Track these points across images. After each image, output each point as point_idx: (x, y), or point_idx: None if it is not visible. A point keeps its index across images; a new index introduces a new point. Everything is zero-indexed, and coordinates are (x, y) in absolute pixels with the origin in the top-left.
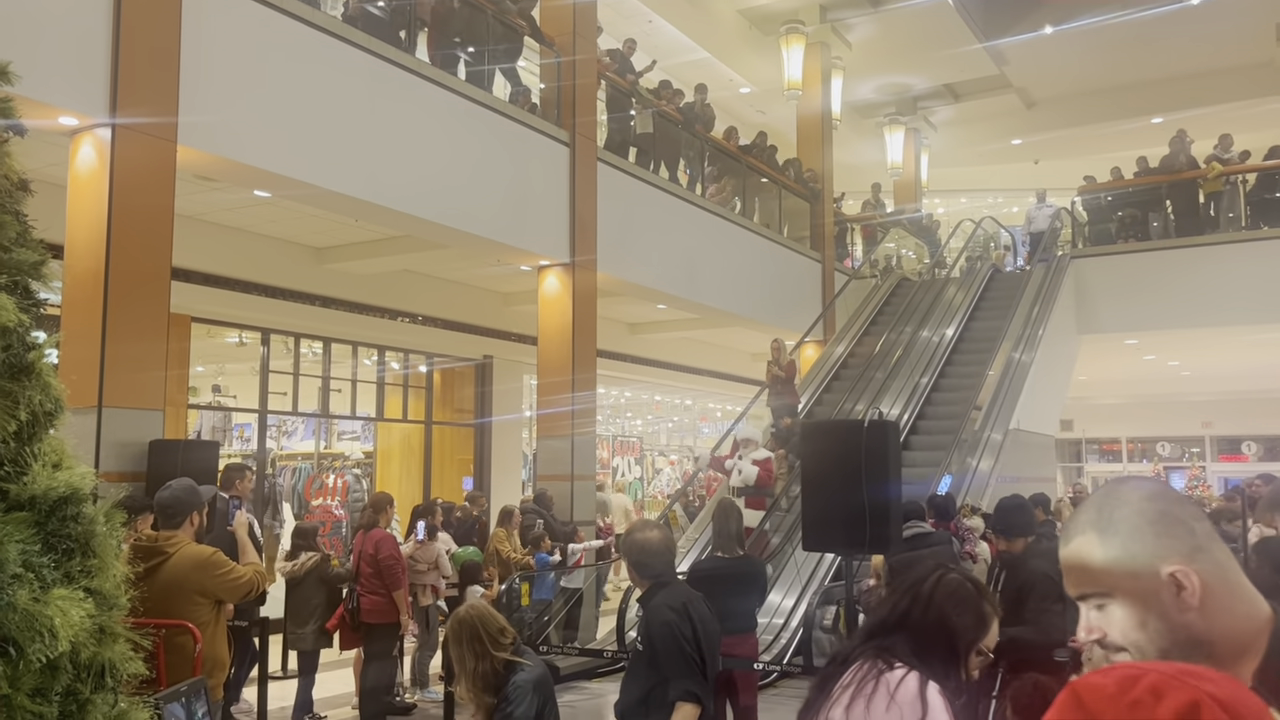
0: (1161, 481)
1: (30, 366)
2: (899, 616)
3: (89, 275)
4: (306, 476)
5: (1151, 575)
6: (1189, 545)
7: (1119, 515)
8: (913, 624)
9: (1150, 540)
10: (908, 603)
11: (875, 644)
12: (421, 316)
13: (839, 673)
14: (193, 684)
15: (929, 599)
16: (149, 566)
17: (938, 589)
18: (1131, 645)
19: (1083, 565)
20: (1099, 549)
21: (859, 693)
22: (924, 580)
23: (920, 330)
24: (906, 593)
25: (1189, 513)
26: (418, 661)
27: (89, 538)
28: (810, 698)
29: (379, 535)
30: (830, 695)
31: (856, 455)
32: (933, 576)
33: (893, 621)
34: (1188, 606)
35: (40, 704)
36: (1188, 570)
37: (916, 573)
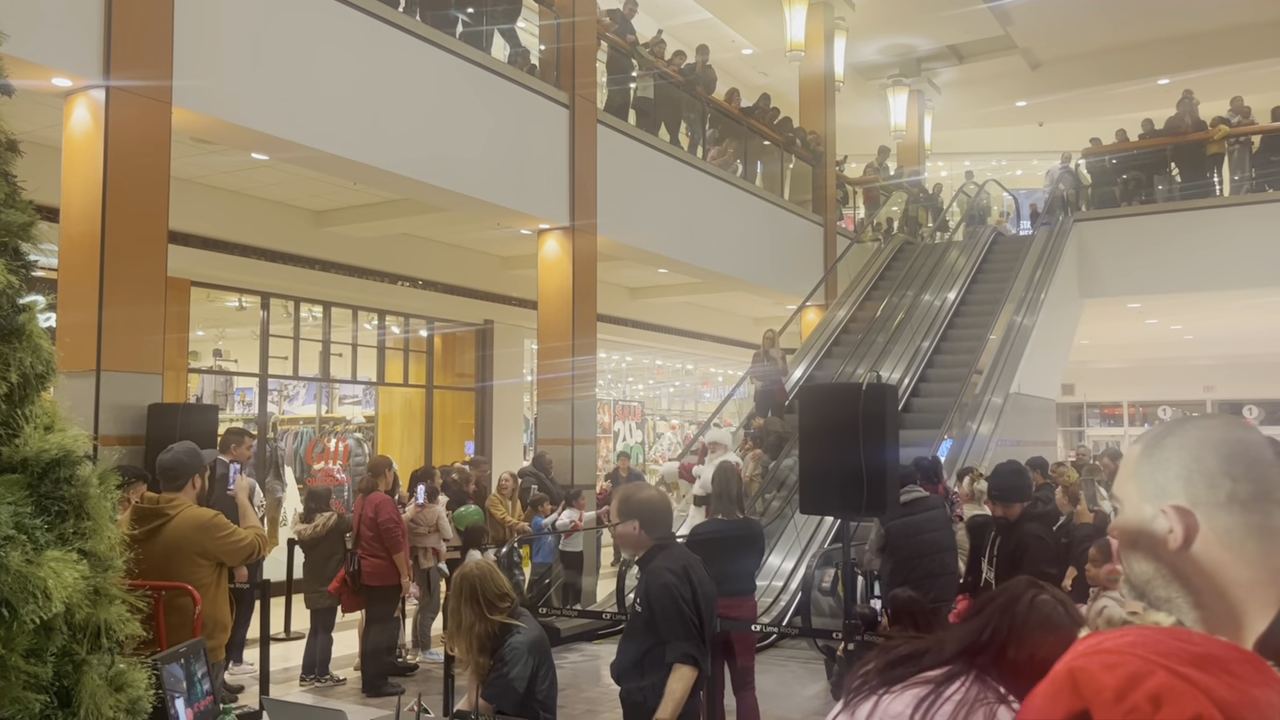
0: (1230, 431)
1: (20, 328)
2: (996, 642)
3: (85, 238)
4: (308, 441)
5: (1155, 506)
6: (1203, 494)
7: (1167, 443)
8: (1008, 653)
9: (1172, 474)
10: (1005, 629)
11: (973, 664)
12: (422, 280)
13: (912, 672)
14: (192, 645)
15: (1024, 626)
16: (150, 529)
17: (1032, 613)
18: (1126, 565)
19: (1121, 475)
20: (1135, 464)
21: (979, 713)
22: (1018, 601)
23: (922, 294)
24: (1002, 613)
25: (1227, 470)
26: (419, 623)
27: (82, 500)
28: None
29: (378, 498)
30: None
31: (854, 418)
32: (1026, 598)
33: (986, 643)
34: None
35: (35, 664)
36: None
37: (1010, 591)
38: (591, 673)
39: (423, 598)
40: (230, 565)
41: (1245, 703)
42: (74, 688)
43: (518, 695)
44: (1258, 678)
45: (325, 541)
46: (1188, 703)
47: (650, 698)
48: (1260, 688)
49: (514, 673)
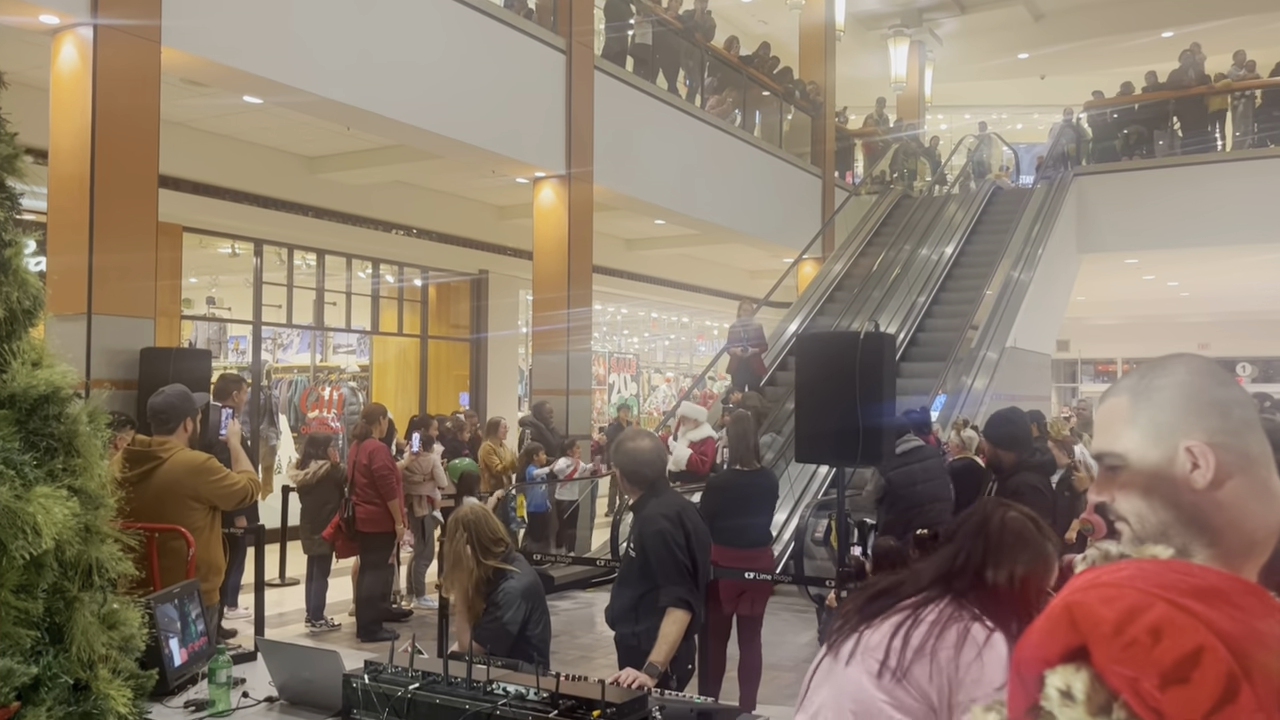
0: (1213, 362)
1: (7, 263)
2: (972, 565)
3: (74, 180)
4: (303, 389)
5: (1169, 447)
6: (1219, 426)
7: (1158, 384)
8: (986, 575)
9: (1179, 413)
10: (980, 551)
11: (949, 588)
12: (416, 229)
13: (891, 604)
14: (185, 586)
15: (998, 546)
16: (142, 471)
17: (1005, 532)
18: (1133, 515)
19: (1108, 424)
20: (1127, 411)
21: (939, 637)
22: (989, 521)
23: (919, 248)
24: (975, 535)
25: (1232, 396)
26: (414, 570)
27: (72, 437)
28: (850, 621)
29: (372, 445)
30: (882, 623)
31: (851, 367)
32: (997, 518)
33: (962, 566)
34: (1196, 486)
35: (25, 600)
36: (1206, 449)
37: (979, 513)
38: (585, 620)
39: (417, 545)
40: (223, 509)
41: (1248, 635)
42: (65, 624)
43: (511, 638)
44: (1261, 609)
45: (319, 488)
46: (1189, 635)
47: (644, 642)
48: (1263, 619)
49: (507, 616)
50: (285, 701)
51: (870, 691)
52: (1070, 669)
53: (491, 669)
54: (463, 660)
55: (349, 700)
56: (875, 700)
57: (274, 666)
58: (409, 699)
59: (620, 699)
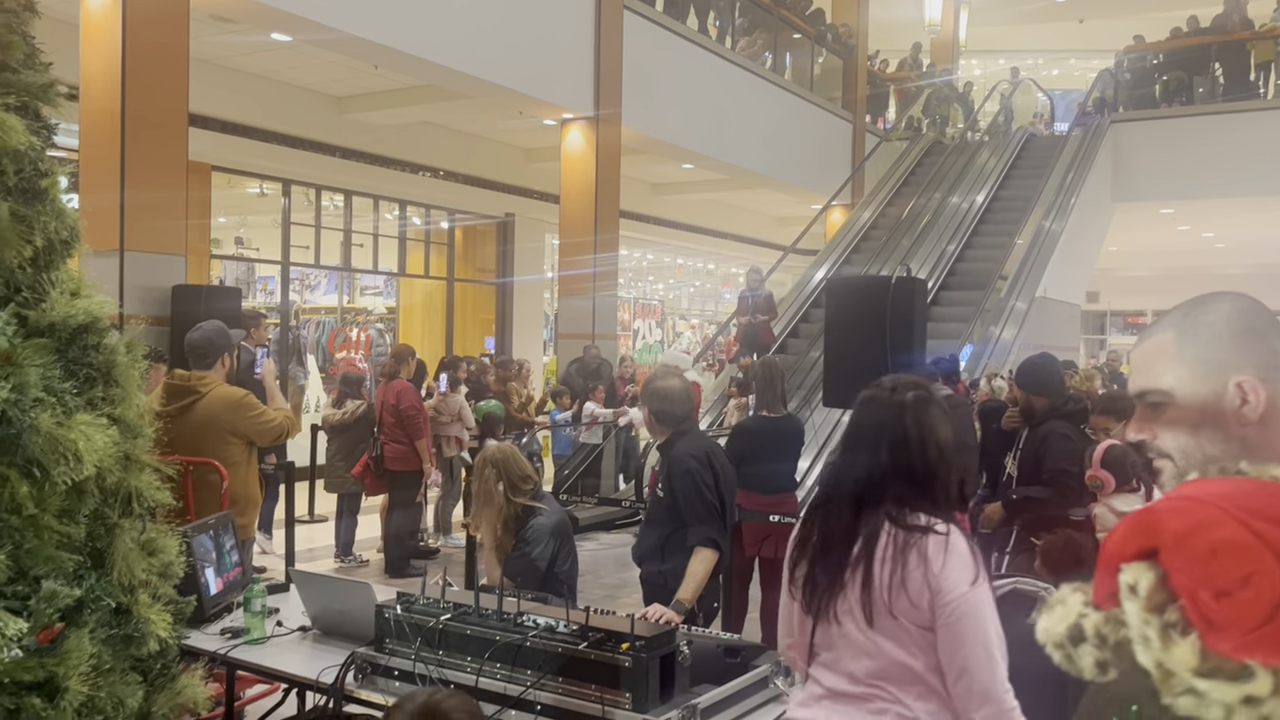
0: (1256, 300)
1: (44, 192)
2: (900, 464)
3: (105, 116)
4: (330, 330)
5: (1218, 382)
6: (1268, 362)
7: (1204, 320)
8: (914, 470)
9: (1227, 348)
10: (905, 448)
11: (885, 496)
12: (443, 171)
13: (848, 536)
14: (220, 518)
15: (920, 436)
16: (182, 405)
17: (925, 420)
18: (1178, 451)
19: (1152, 361)
20: (1173, 347)
21: (911, 555)
22: (903, 411)
23: (950, 196)
24: (890, 430)
25: (1277, 331)
26: (440, 509)
27: (110, 367)
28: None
29: (400, 385)
30: (854, 576)
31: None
32: (911, 403)
33: (890, 469)
34: (1247, 421)
35: (68, 524)
36: (1256, 383)
37: (882, 408)
38: (609, 560)
39: (445, 484)
40: (260, 445)
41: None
42: (107, 550)
43: (539, 574)
44: None
45: (356, 427)
46: (1245, 559)
47: (671, 580)
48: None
49: (536, 552)
50: (318, 631)
51: (877, 641)
52: (1142, 567)
53: (521, 602)
54: (493, 593)
55: (381, 630)
56: (884, 648)
57: (307, 597)
58: (440, 629)
59: (649, 633)
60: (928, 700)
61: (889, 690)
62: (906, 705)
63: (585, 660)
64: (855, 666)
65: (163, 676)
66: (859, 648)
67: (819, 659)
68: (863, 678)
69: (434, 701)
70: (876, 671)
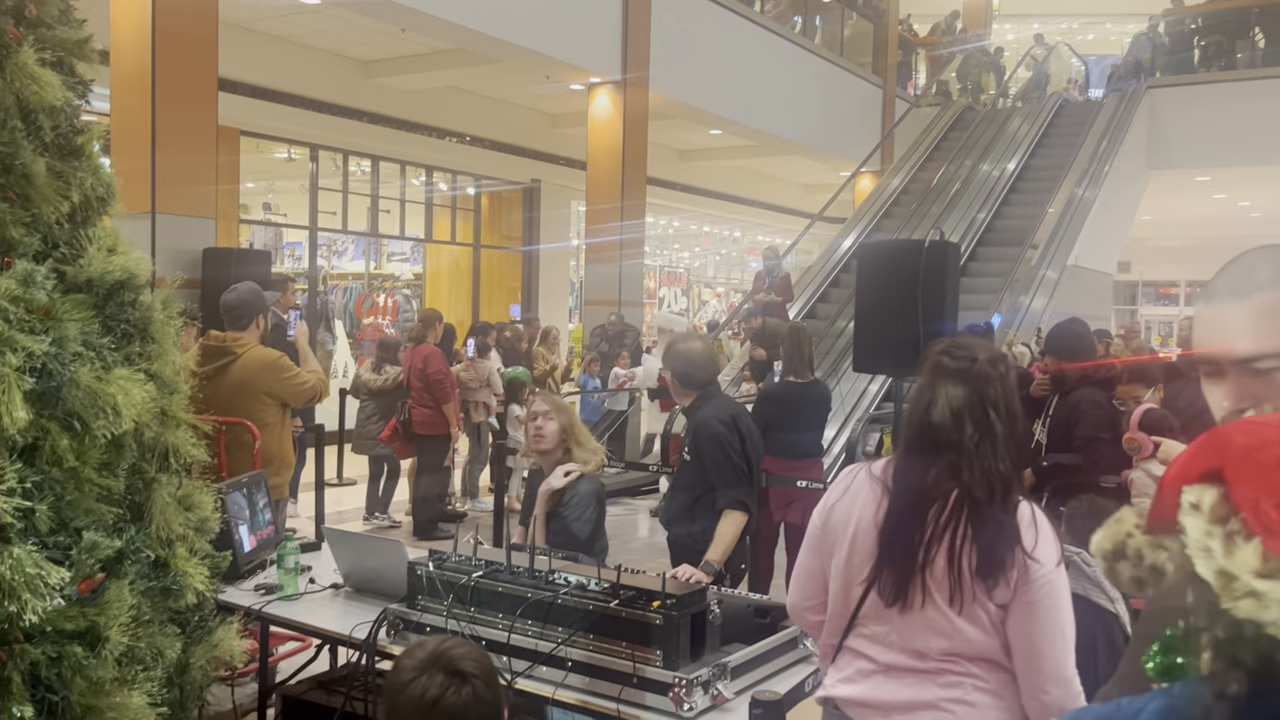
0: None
1: (80, 149)
2: (988, 436)
3: (136, 80)
4: (357, 296)
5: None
6: None
7: (1267, 268)
8: (1001, 444)
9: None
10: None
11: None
12: (469, 137)
13: (921, 530)
14: (253, 477)
15: (1008, 408)
16: (218, 366)
17: (1010, 390)
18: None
19: (1270, 321)
20: (1260, 307)
21: (1003, 533)
22: (990, 382)
23: (980, 164)
24: (980, 401)
25: None
26: (468, 474)
27: (146, 324)
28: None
29: (427, 350)
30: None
31: (914, 276)
32: (999, 373)
33: (979, 442)
34: None
35: (107, 477)
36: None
37: (970, 377)
38: (633, 526)
39: (472, 449)
40: (294, 406)
41: None
42: (145, 503)
43: (580, 541)
44: None
45: (393, 393)
46: None
47: (699, 542)
48: None
49: (586, 515)
50: (350, 589)
51: (956, 623)
52: (1204, 487)
53: (553, 560)
54: (524, 551)
55: (413, 587)
56: (961, 628)
57: (339, 555)
58: (472, 587)
59: (680, 591)
60: (997, 673)
61: (962, 665)
62: (981, 678)
63: (617, 618)
64: (925, 644)
65: (200, 629)
66: (933, 627)
67: (863, 633)
68: (932, 654)
69: (443, 649)
70: (950, 649)
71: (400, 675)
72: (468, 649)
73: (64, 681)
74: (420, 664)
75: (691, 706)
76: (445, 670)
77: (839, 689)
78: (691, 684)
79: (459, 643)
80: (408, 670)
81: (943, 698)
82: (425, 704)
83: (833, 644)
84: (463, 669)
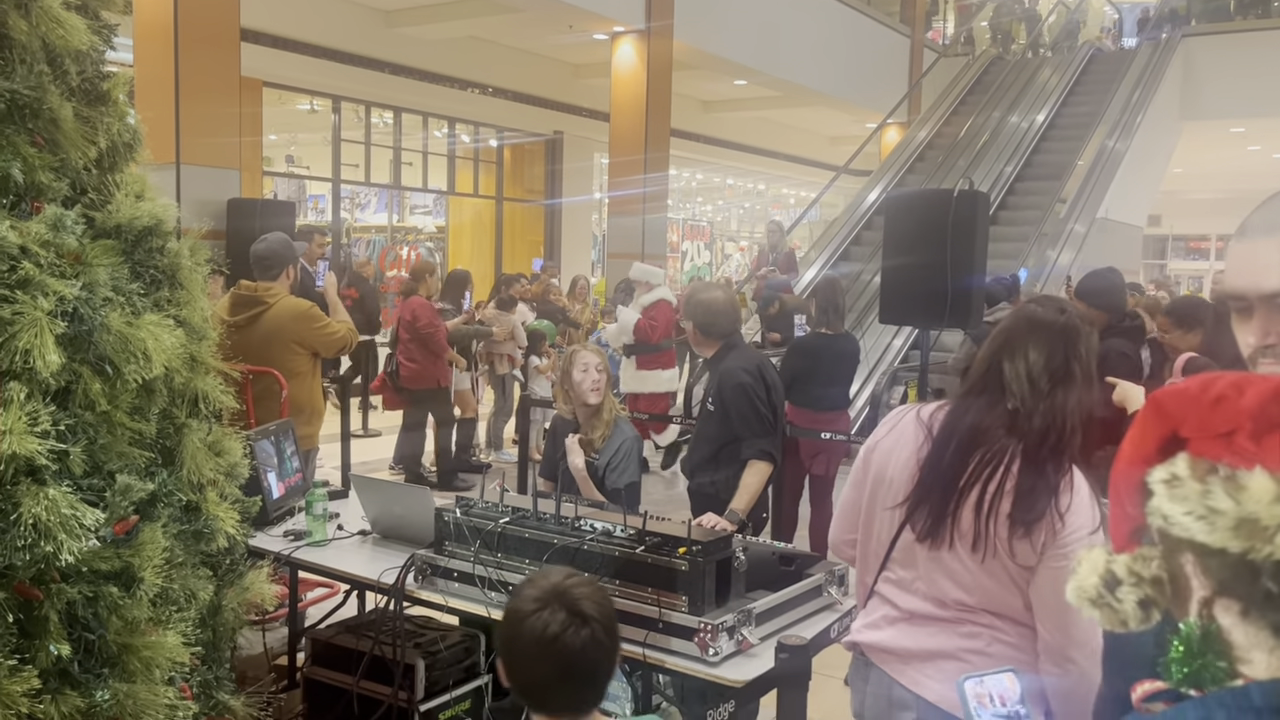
0: None
1: (106, 94)
2: (1046, 393)
3: (159, 30)
4: (380, 249)
5: None
6: None
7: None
8: (1061, 401)
9: None
10: (1053, 375)
11: (1029, 425)
12: (491, 88)
13: (960, 471)
14: (280, 425)
15: (1084, 368)
16: (250, 315)
17: (1079, 347)
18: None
19: (1256, 253)
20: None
21: (1027, 498)
22: (1068, 337)
23: (1009, 115)
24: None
25: None
26: (493, 426)
27: (175, 270)
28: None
29: (416, 303)
30: (966, 498)
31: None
32: (1072, 326)
33: (1038, 398)
34: None
35: (139, 421)
36: None
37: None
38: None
39: (497, 401)
40: (325, 356)
41: None
42: (176, 448)
43: (619, 494)
44: None
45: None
46: (1271, 381)
47: (723, 491)
48: None
49: (630, 467)
50: (377, 535)
51: (977, 574)
52: (1169, 461)
53: (579, 507)
54: (550, 499)
55: (441, 533)
56: (982, 581)
57: (367, 502)
58: (499, 533)
59: (706, 538)
60: (1017, 628)
61: (984, 617)
62: (1002, 630)
63: (642, 564)
64: (946, 592)
65: (231, 573)
66: (955, 576)
67: (890, 577)
68: (953, 603)
69: (567, 585)
70: (970, 600)
71: (520, 604)
72: (590, 589)
73: (100, 621)
74: (543, 596)
75: (717, 651)
76: (567, 608)
77: (864, 634)
78: (717, 629)
79: (583, 581)
80: (528, 600)
81: (962, 648)
82: (545, 639)
83: (867, 584)
84: (584, 610)
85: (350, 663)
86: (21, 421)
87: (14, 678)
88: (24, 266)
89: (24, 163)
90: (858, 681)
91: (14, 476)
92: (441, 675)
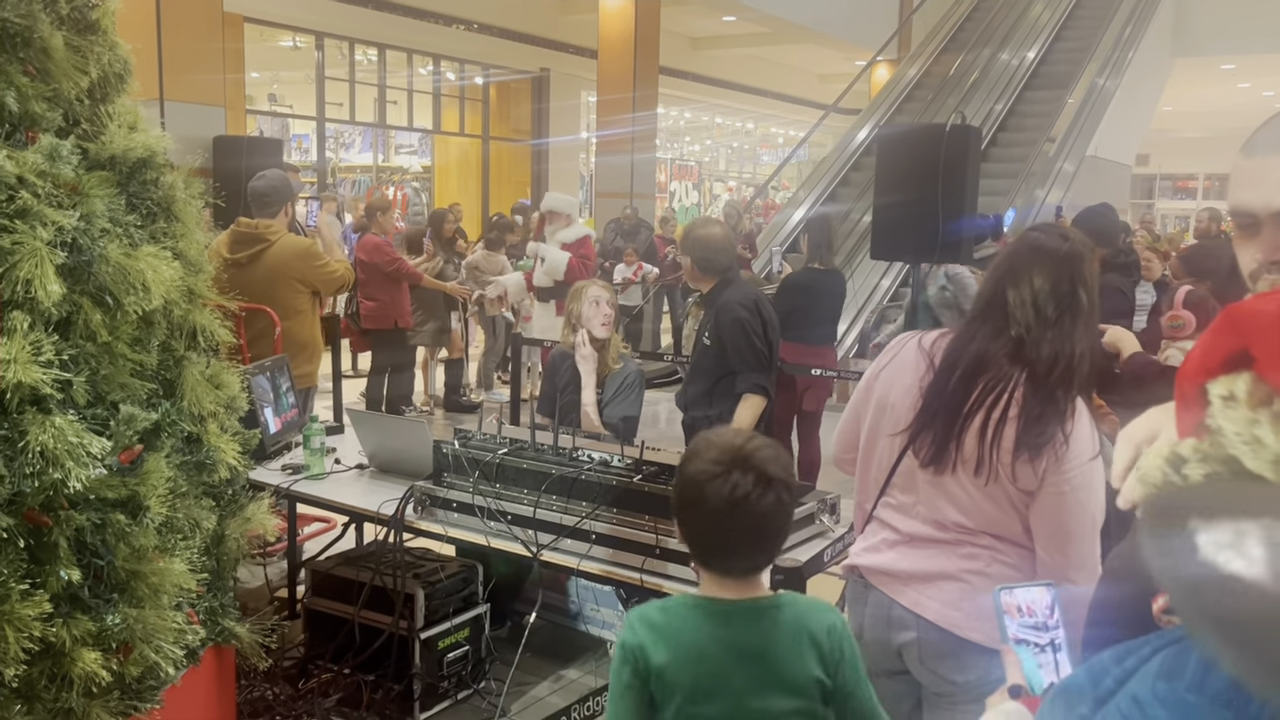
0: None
1: (96, 23)
2: (1054, 320)
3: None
4: (366, 189)
5: None
6: None
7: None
8: (1069, 329)
9: None
10: (1059, 302)
11: (1039, 353)
12: (476, 24)
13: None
14: (276, 361)
15: (1089, 297)
16: (252, 253)
17: (1085, 275)
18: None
19: (1257, 173)
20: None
21: (1031, 425)
22: (1073, 263)
23: (1000, 52)
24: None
25: None
26: (483, 365)
27: (170, 202)
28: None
29: (372, 241)
30: (970, 424)
31: (935, 161)
32: (1078, 253)
33: (1047, 326)
34: None
35: (140, 353)
36: None
37: (1051, 257)
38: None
39: (488, 340)
40: (324, 294)
41: None
42: (176, 380)
43: (631, 421)
44: None
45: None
46: None
47: (717, 424)
48: None
49: (631, 398)
50: (375, 469)
51: (976, 497)
52: (1232, 375)
53: (576, 438)
54: (547, 430)
55: (439, 465)
56: (982, 505)
57: (364, 436)
58: (498, 464)
59: None
60: (1016, 550)
61: (984, 539)
62: (1001, 552)
63: (639, 492)
64: (946, 516)
65: (233, 504)
66: (955, 501)
67: (890, 502)
68: (952, 526)
69: (750, 448)
70: (970, 523)
71: (702, 467)
72: (773, 451)
73: (109, 547)
74: (724, 459)
75: None
76: (755, 470)
77: (863, 558)
78: None
79: (764, 444)
80: (710, 464)
81: (962, 569)
82: (733, 500)
83: (866, 509)
84: (770, 473)
85: (350, 593)
86: (25, 351)
87: (26, 601)
88: (22, 196)
89: (18, 92)
90: (856, 604)
91: (19, 405)
92: (441, 605)
